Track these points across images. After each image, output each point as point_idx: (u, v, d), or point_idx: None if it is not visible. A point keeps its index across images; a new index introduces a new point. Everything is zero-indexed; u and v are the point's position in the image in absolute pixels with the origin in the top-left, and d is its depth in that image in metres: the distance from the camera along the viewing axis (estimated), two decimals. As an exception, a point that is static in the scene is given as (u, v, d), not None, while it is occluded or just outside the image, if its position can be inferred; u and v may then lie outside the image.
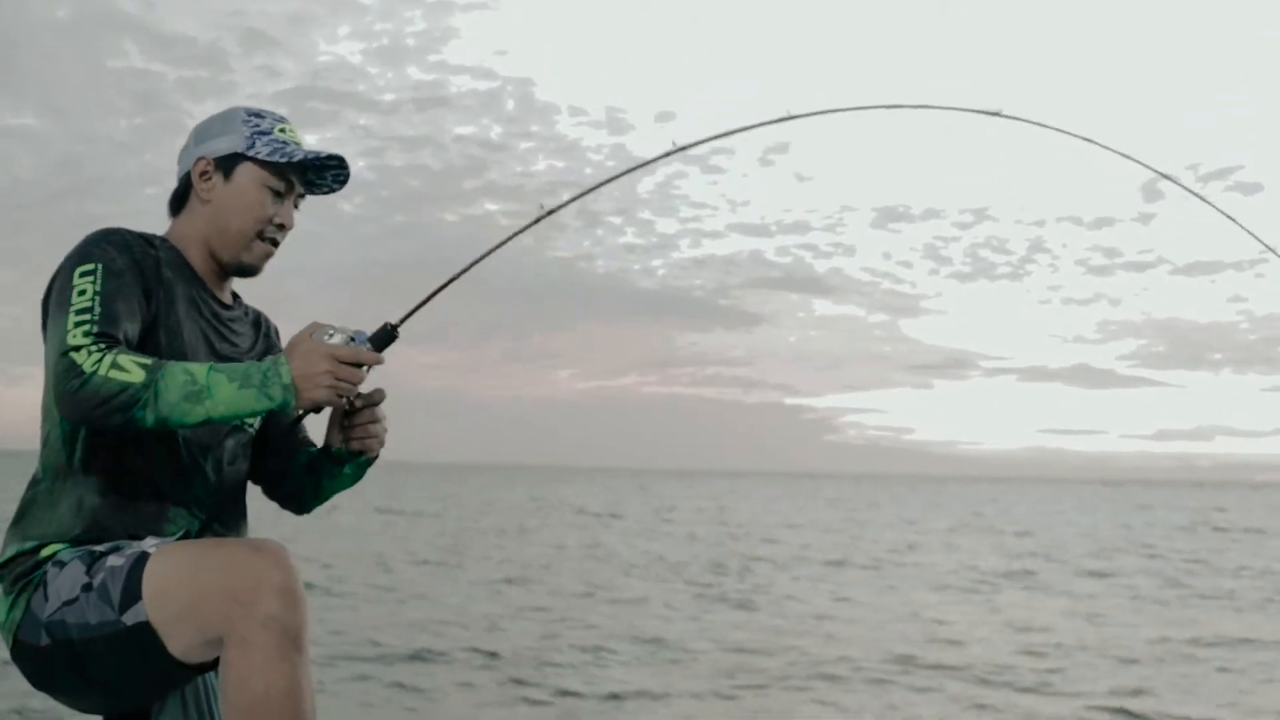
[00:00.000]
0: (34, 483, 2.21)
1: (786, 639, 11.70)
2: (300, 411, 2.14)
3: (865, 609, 14.53)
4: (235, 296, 2.43)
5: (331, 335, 2.11)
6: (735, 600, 15.06)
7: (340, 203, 2.31)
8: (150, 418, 1.98)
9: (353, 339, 2.13)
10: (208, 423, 2.02)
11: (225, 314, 2.36)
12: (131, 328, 2.11)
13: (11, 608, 2.12)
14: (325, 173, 2.39)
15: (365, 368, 2.13)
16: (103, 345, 2.00)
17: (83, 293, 2.06)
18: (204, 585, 1.98)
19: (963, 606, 15.18)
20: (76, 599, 2.04)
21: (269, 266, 2.37)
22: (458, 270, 2.30)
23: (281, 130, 2.34)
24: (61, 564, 2.09)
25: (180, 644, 2.00)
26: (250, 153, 2.29)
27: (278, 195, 2.32)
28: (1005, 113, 2.62)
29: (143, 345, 2.15)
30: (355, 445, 2.34)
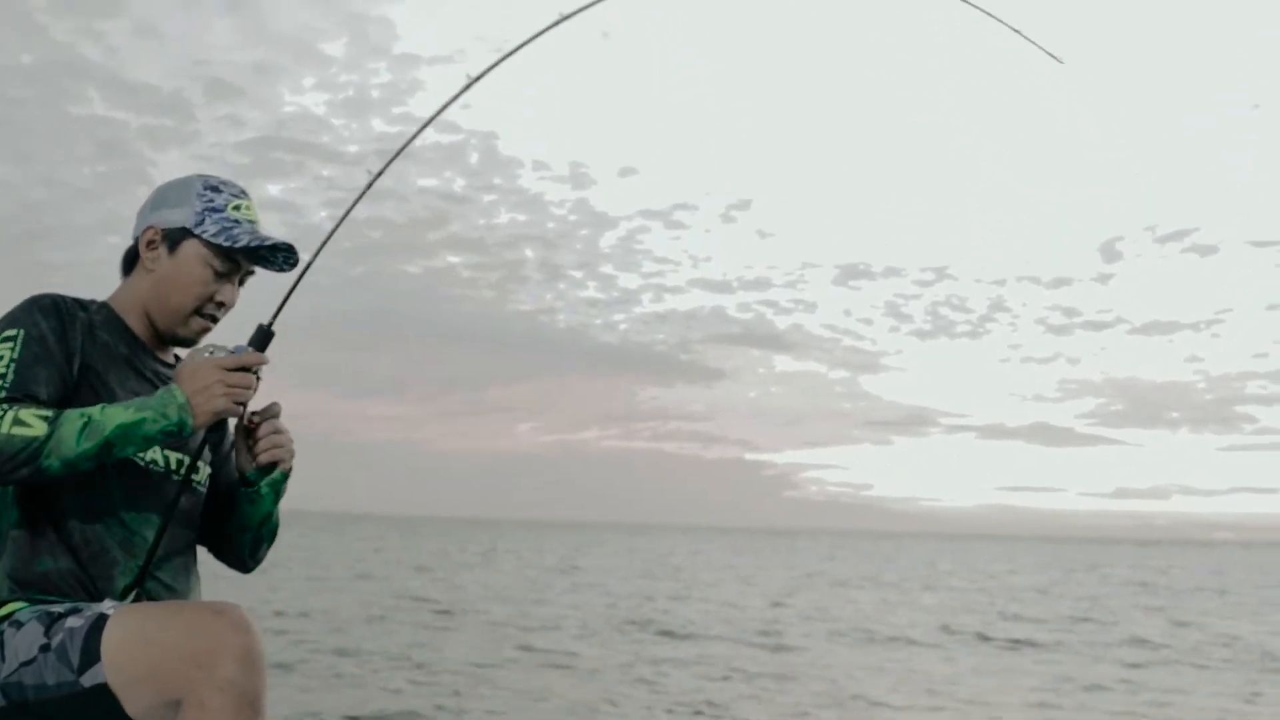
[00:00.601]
0: None
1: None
2: (202, 428, 2.18)
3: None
4: (177, 358, 2.44)
5: (213, 353, 2.21)
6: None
7: (301, 254, 2.36)
8: (55, 463, 2.04)
9: (233, 352, 2.21)
10: (111, 452, 2.08)
11: (166, 372, 2.37)
12: (45, 391, 2.14)
13: None
14: (276, 253, 2.36)
15: (255, 372, 2.22)
16: (4, 405, 2.04)
17: (0, 359, 2.11)
18: (164, 648, 2.00)
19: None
20: (34, 659, 2.06)
21: (228, 319, 2.39)
22: (318, 247, 2.35)
23: (235, 208, 2.35)
24: (19, 624, 2.11)
25: (137, 706, 2.02)
26: (197, 230, 2.31)
27: (220, 275, 2.33)
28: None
29: (71, 405, 2.17)
30: (265, 458, 2.36)
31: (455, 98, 2.45)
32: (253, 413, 2.34)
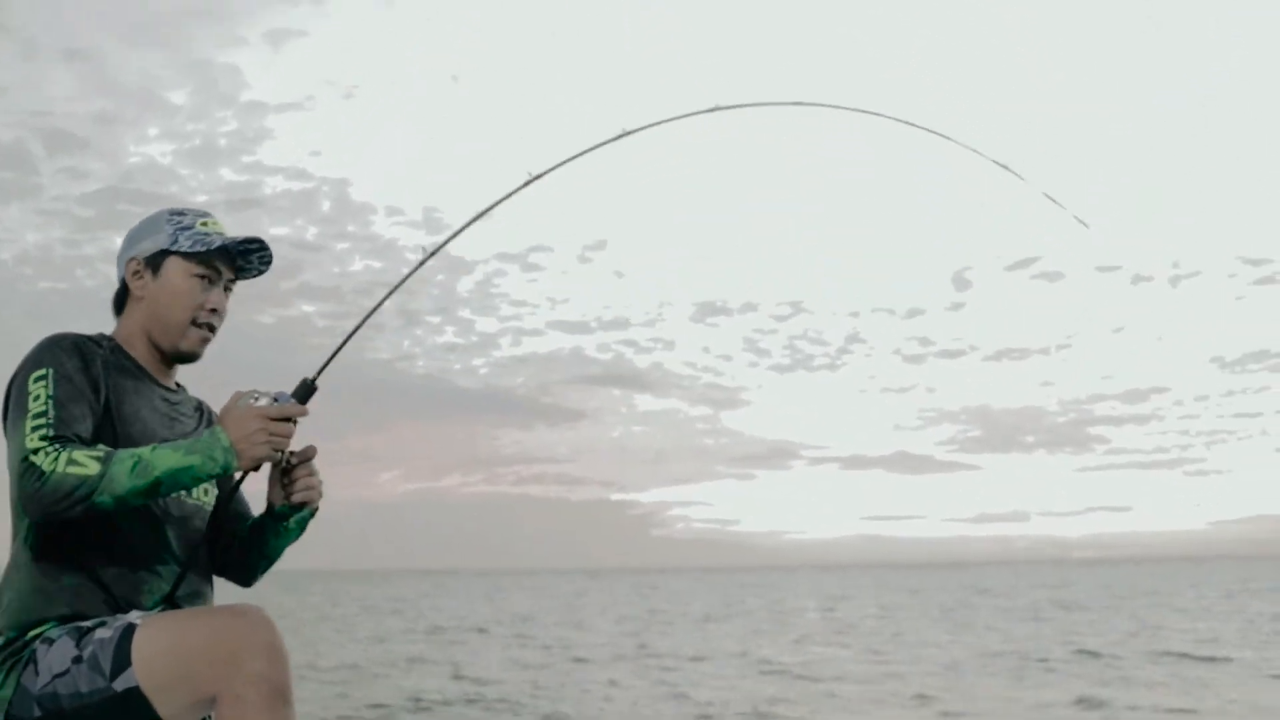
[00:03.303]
0: (12, 568, 2.37)
1: None
2: (243, 472, 2.37)
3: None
4: (179, 385, 2.64)
5: (257, 399, 2.34)
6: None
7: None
8: (108, 500, 2.18)
9: (275, 399, 2.35)
10: (159, 490, 2.23)
11: (172, 398, 2.57)
12: (84, 426, 2.31)
13: (2, 685, 2.27)
14: (250, 256, 2.57)
15: (294, 421, 2.36)
16: (58, 445, 2.20)
17: (36, 398, 2.27)
18: (193, 650, 2.16)
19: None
20: (67, 671, 2.20)
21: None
22: (364, 315, 2.52)
23: (203, 224, 2.54)
24: (50, 640, 2.25)
25: (169, 708, 2.18)
26: (174, 248, 2.50)
27: (206, 282, 2.52)
28: (806, 100, 2.78)
29: (98, 439, 2.34)
30: (298, 498, 2.53)
31: (513, 193, 2.67)
32: (291, 453, 2.50)
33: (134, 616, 2.28)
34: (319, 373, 2.45)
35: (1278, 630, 24.97)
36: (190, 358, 2.56)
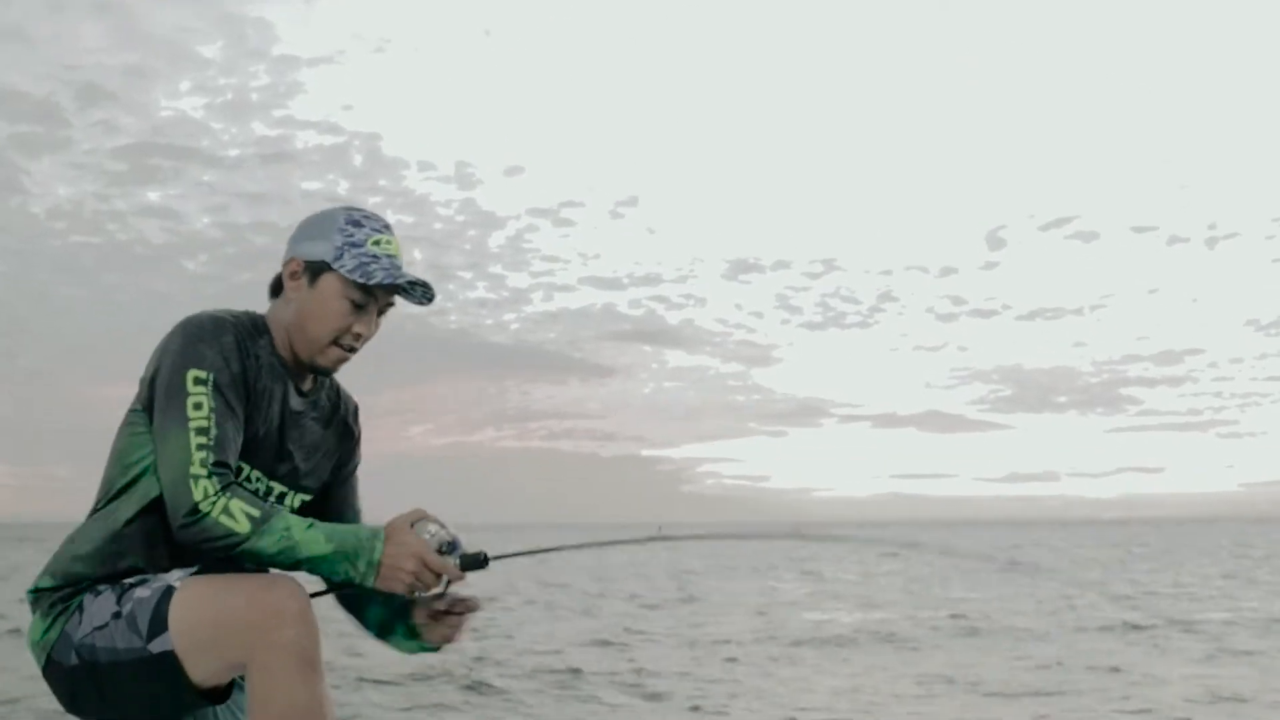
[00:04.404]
0: (90, 513, 2.40)
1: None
2: (376, 589, 2.30)
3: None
4: (316, 381, 2.56)
5: (432, 535, 2.29)
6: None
7: (184, 260, 2.30)
8: (248, 559, 2.23)
9: (450, 543, 2.29)
10: (294, 568, 2.25)
11: (302, 404, 2.51)
12: (235, 448, 2.30)
13: (49, 628, 2.33)
14: (415, 287, 2.46)
15: (445, 579, 2.32)
16: (219, 482, 2.21)
17: (198, 406, 2.26)
18: (228, 617, 2.18)
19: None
20: (106, 625, 2.25)
21: (113, 325, 2.53)
22: (568, 545, 2.56)
23: (375, 243, 2.44)
24: (97, 592, 2.31)
25: (200, 671, 2.22)
26: (336, 265, 2.41)
27: (358, 307, 2.43)
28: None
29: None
30: (428, 637, 2.51)
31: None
32: (461, 600, 2.46)
33: (173, 577, 2.30)
34: (499, 556, 2.40)
35: None
36: (324, 372, 2.51)
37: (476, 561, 2.34)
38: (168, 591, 2.25)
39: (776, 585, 27.53)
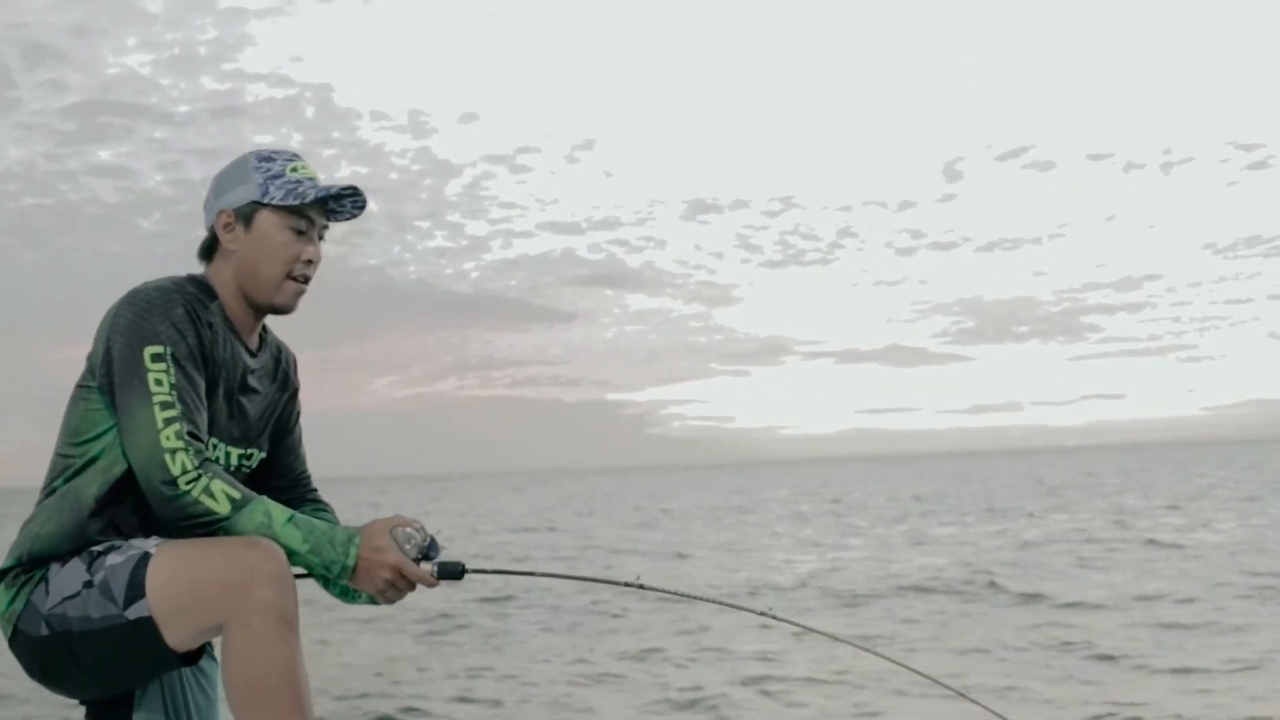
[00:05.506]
0: (46, 490, 2.38)
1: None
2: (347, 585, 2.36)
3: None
4: (261, 339, 2.58)
5: (410, 539, 2.30)
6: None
7: (139, 219, 2.06)
8: (225, 536, 2.24)
9: (426, 551, 2.32)
10: None
11: (251, 364, 2.52)
12: (201, 418, 2.31)
13: (13, 600, 2.32)
14: (343, 200, 2.50)
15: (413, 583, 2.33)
16: (196, 457, 2.22)
17: (159, 382, 2.26)
18: (205, 579, 2.19)
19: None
20: (78, 594, 2.24)
21: (70, 287, 2.36)
22: (550, 573, 2.64)
23: (293, 170, 2.47)
24: (63, 562, 2.30)
25: (177, 635, 2.22)
26: (266, 199, 2.43)
27: (300, 233, 2.45)
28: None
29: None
30: (381, 600, 2.41)
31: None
32: (437, 571, 2.34)
33: (149, 544, 2.29)
34: (476, 570, 2.41)
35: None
36: (284, 310, 2.52)
37: (453, 571, 2.35)
38: (144, 557, 2.25)
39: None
